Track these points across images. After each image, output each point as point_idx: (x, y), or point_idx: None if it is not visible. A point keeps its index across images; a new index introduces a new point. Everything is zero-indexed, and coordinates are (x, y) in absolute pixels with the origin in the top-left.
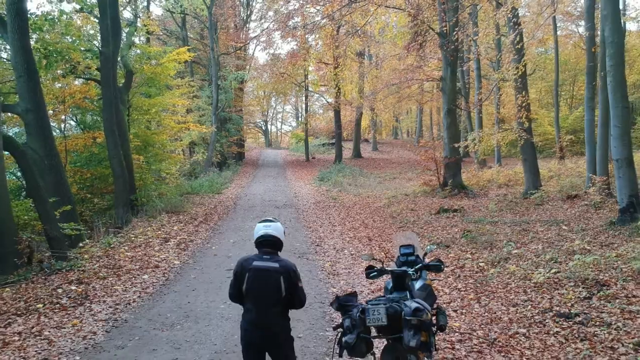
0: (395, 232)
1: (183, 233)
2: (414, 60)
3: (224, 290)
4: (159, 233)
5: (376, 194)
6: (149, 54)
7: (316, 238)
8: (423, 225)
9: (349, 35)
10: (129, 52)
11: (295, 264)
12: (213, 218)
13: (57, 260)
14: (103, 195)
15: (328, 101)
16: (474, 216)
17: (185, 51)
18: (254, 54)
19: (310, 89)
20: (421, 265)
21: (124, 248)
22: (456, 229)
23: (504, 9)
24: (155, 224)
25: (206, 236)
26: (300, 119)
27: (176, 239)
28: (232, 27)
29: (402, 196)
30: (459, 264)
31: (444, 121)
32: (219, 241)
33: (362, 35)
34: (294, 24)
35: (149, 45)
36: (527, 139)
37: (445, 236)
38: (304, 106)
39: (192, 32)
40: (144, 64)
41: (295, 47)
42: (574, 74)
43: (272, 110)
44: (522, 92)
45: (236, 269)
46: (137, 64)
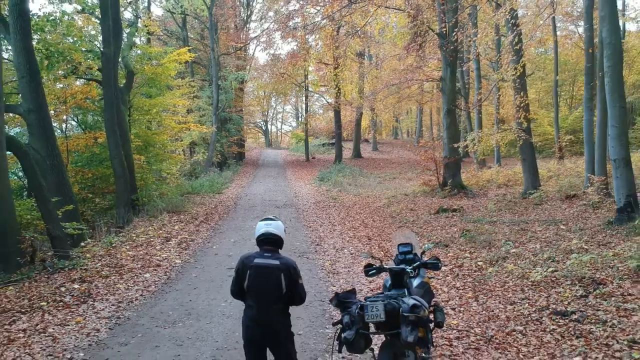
0: (394, 231)
1: (184, 232)
2: (413, 60)
3: (224, 289)
4: (160, 232)
5: (376, 194)
6: (149, 54)
7: (316, 237)
8: (422, 225)
9: (349, 36)
10: (130, 53)
11: (295, 261)
12: (214, 218)
13: (60, 259)
14: (104, 195)
15: (328, 101)
16: (473, 216)
17: (186, 52)
18: (254, 54)
19: (311, 89)
20: (419, 263)
21: (126, 247)
22: (455, 229)
23: (502, 9)
24: (156, 224)
25: (207, 235)
26: (300, 119)
27: (177, 238)
28: (232, 28)
29: (402, 196)
30: (457, 263)
31: (443, 121)
32: (219, 240)
33: (362, 35)
34: (294, 24)
35: (149, 46)
36: (526, 139)
37: (445, 236)
38: (304, 106)
39: (192, 32)
40: (144, 65)
41: (295, 48)
42: (574, 74)
43: (272, 111)
44: (520, 92)
45: (238, 266)
46: (138, 64)
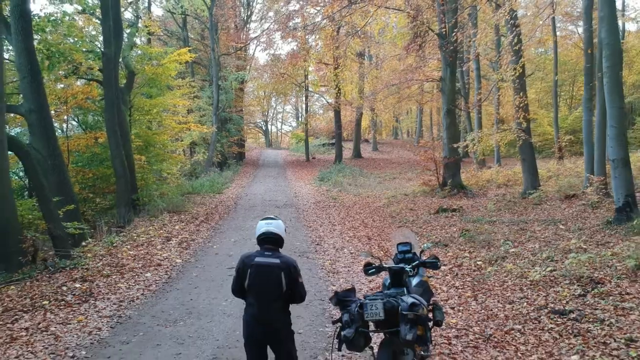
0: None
1: (184, 232)
2: (413, 60)
3: (225, 288)
4: (161, 232)
5: (376, 194)
6: (150, 54)
7: (316, 237)
8: (422, 225)
9: (349, 36)
10: (131, 53)
11: (295, 260)
12: (214, 217)
13: (61, 259)
14: (105, 195)
15: (328, 101)
16: (472, 216)
17: (186, 52)
18: (254, 54)
19: (311, 89)
20: (418, 262)
21: (127, 247)
22: (455, 229)
23: (502, 10)
24: (157, 223)
25: (207, 235)
26: (300, 119)
27: (178, 238)
28: (232, 28)
29: (402, 196)
30: (457, 263)
31: (443, 121)
32: (220, 240)
33: (362, 36)
34: (294, 24)
35: (150, 46)
36: (526, 139)
37: (444, 235)
38: (304, 106)
39: (192, 32)
40: (145, 65)
41: (295, 48)
42: (574, 74)
43: (273, 111)
44: (520, 93)
45: (238, 265)
46: (139, 64)
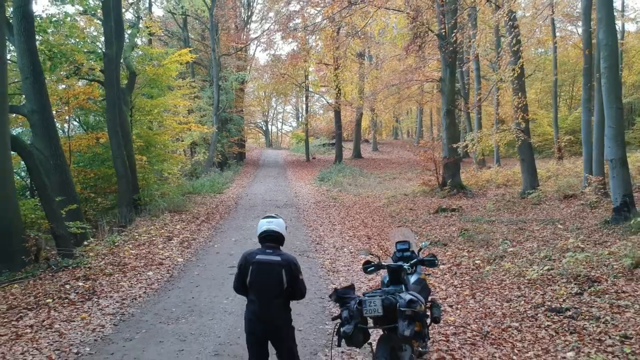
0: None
1: (186, 232)
2: (413, 61)
3: (226, 286)
4: (162, 232)
5: (376, 194)
6: (151, 55)
7: (316, 237)
8: (421, 225)
9: (349, 37)
10: (132, 54)
11: (296, 257)
12: (215, 217)
13: (64, 258)
14: (106, 194)
15: (328, 102)
16: (471, 215)
17: (187, 52)
18: (254, 54)
19: (311, 89)
20: (416, 261)
21: (129, 246)
22: (454, 228)
23: (500, 11)
24: (158, 223)
25: (208, 235)
26: (300, 119)
27: (179, 237)
28: (233, 28)
29: (402, 196)
30: (455, 262)
31: (443, 122)
32: (221, 239)
33: (362, 36)
34: (294, 25)
35: (151, 47)
36: (525, 139)
37: (443, 235)
38: (304, 107)
39: (193, 33)
40: (146, 65)
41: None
42: (574, 74)
43: (273, 111)
44: (518, 93)
45: (240, 262)
46: (140, 65)
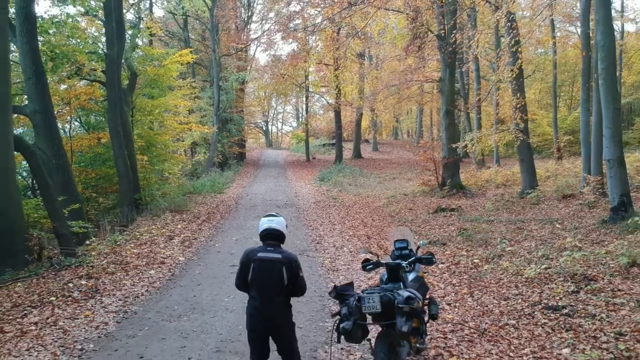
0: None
1: (187, 231)
2: (413, 61)
3: (227, 285)
4: (164, 231)
5: (376, 194)
6: (152, 55)
7: (316, 236)
8: (421, 224)
9: (349, 37)
10: (133, 54)
11: (296, 255)
12: (215, 217)
13: (66, 257)
14: (107, 194)
15: (328, 102)
16: (470, 215)
17: (188, 53)
18: (254, 55)
19: (311, 89)
20: (414, 259)
21: (130, 245)
22: (453, 228)
23: (499, 12)
24: (159, 223)
25: (209, 234)
26: (300, 119)
27: (180, 236)
28: (233, 29)
29: (401, 196)
30: (454, 261)
31: (442, 122)
32: (221, 239)
33: (362, 37)
34: (294, 25)
35: (151, 47)
36: (524, 139)
37: (442, 234)
38: (304, 107)
39: (193, 33)
40: (147, 66)
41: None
42: (573, 74)
43: (273, 111)
44: (517, 94)
45: (242, 259)
46: (141, 65)
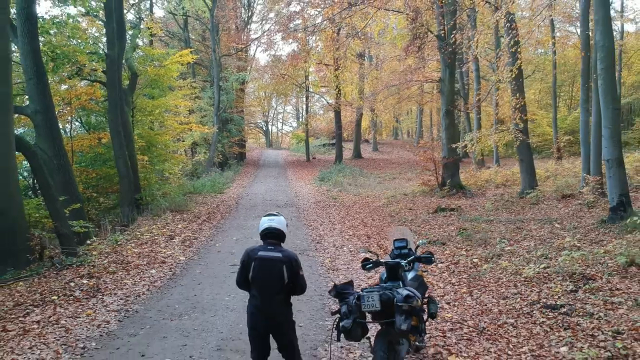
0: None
1: (187, 231)
2: (413, 62)
3: (228, 284)
4: (164, 231)
5: (376, 194)
6: (152, 56)
7: (316, 236)
8: (420, 224)
9: (349, 37)
10: (133, 55)
11: (297, 254)
12: (216, 217)
13: (68, 256)
14: (108, 194)
15: (328, 102)
16: (470, 215)
17: (188, 53)
18: (255, 55)
19: (311, 90)
20: (413, 258)
21: (131, 245)
22: (452, 227)
23: (498, 13)
24: (160, 222)
25: (210, 234)
26: (300, 119)
27: (181, 236)
28: (233, 29)
29: (401, 196)
30: (453, 260)
31: (442, 122)
32: (222, 239)
33: (362, 37)
34: (295, 26)
35: (152, 47)
36: (523, 140)
37: (442, 234)
38: (304, 107)
39: (193, 33)
40: (147, 66)
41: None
42: (573, 75)
43: (273, 111)
44: (516, 94)
45: (243, 257)
46: (141, 66)
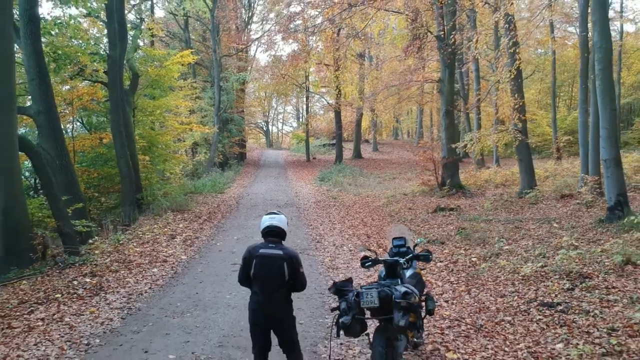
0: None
1: (188, 230)
2: (413, 62)
3: (229, 282)
4: (166, 230)
5: (375, 194)
6: (153, 56)
7: (316, 235)
8: (420, 224)
9: (349, 38)
10: (134, 55)
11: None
12: (217, 216)
13: (70, 255)
14: (110, 194)
15: (329, 102)
16: (469, 215)
17: (189, 54)
18: (255, 55)
19: (311, 90)
20: (412, 256)
21: (133, 244)
22: (452, 227)
23: (497, 14)
24: (161, 222)
25: (211, 233)
26: (301, 119)
27: (182, 235)
28: (233, 29)
29: (401, 196)
30: (452, 259)
31: (442, 122)
32: (223, 238)
33: (362, 37)
34: (295, 26)
35: (153, 48)
36: (522, 140)
37: (441, 233)
38: (304, 107)
39: (194, 34)
40: (148, 67)
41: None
42: (573, 75)
43: (273, 111)
44: (515, 94)
45: (245, 254)
46: (142, 66)
